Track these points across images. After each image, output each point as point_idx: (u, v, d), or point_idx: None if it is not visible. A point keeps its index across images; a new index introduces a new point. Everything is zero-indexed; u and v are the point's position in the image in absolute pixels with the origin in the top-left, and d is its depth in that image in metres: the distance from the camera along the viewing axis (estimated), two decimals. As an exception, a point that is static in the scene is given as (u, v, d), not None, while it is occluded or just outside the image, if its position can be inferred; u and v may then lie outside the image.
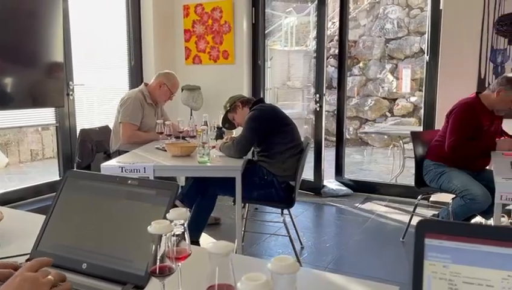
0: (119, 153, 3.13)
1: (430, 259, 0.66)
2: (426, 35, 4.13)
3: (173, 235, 0.86)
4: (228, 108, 2.96)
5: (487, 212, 2.89)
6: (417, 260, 0.67)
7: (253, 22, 4.70)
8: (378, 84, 8.45)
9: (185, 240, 0.88)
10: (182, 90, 4.52)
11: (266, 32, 10.18)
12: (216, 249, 0.69)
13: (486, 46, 3.70)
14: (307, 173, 4.79)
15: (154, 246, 0.80)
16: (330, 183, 4.68)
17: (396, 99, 8.31)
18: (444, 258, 0.66)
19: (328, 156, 4.80)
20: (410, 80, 8.18)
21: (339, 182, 4.71)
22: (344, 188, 4.60)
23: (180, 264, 0.89)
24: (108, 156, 3.37)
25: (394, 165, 5.59)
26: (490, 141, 2.90)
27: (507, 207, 3.36)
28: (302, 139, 2.94)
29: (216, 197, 2.88)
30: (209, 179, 2.78)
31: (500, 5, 3.60)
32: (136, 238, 0.98)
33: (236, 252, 2.58)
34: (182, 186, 3.13)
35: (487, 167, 3.03)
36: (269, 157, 2.76)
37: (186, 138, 3.10)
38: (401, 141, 5.41)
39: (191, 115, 4.49)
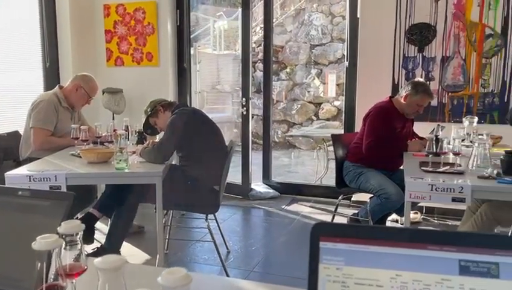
0: (30, 160, 2.90)
1: (325, 262, 0.66)
2: (346, 42, 4.31)
3: (66, 249, 0.79)
4: (149, 112, 2.87)
5: (401, 210, 3.06)
6: (312, 263, 0.67)
7: (178, 24, 4.61)
8: (305, 88, 8.71)
9: (81, 254, 0.82)
10: (103, 93, 4.32)
11: (195, 35, 10.01)
12: (104, 264, 0.64)
13: (399, 54, 3.95)
14: (235, 177, 4.80)
15: (39, 264, 0.73)
16: (258, 186, 4.72)
17: (321, 103, 8.61)
18: (337, 260, 0.66)
19: (258, 159, 4.84)
20: (335, 85, 8.52)
21: (267, 184, 4.76)
22: (271, 190, 4.65)
23: (74, 281, 0.82)
24: (19, 164, 3.11)
25: (319, 167, 5.78)
26: (403, 143, 3.08)
27: (419, 204, 3.59)
28: (227, 143, 2.93)
29: (137, 205, 2.77)
30: (129, 186, 2.66)
31: (410, 16, 3.85)
32: (26, 254, 0.89)
33: (157, 264, 2.49)
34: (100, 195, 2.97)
35: (401, 167, 3.21)
36: (192, 162, 2.70)
37: (104, 144, 2.95)
38: (325, 144, 5.60)
39: (113, 119, 4.30)
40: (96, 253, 2.66)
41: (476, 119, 3.24)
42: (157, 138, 3.24)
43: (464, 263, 0.62)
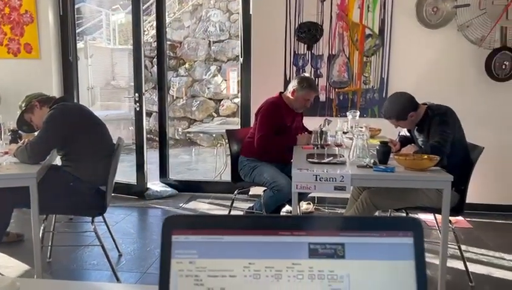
0: None
1: (177, 257, 0.63)
2: (239, 39, 4.36)
3: None
4: (23, 108, 2.59)
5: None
6: (164, 259, 0.63)
7: (61, 14, 4.26)
8: (205, 85, 8.66)
9: None
10: (-28, 88, 3.83)
11: (86, 27, 9.37)
12: None
13: (290, 51, 4.09)
14: (130, 177, 4.59)
15: None
16: (154, 185, 4.57)
17: (221, 100, 8.63)
18: (190, 254, 0.63)
19: (157, 157, 4.68)
20: (237, 82, 8.59)
21: (164, 183, 4.63)
22: (169, 189, 4.54)
23: None
24: None
25: (219, 163, 5.79)
26: (293, 137, 3.20)
27: (310, 195, 3.77)
28: (115, 140, 2.76)
29: (11, 210, 2.49)
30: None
31: (299, 14, 4.01)
32: None
33: (36, 275, 2.27)
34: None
35: (292, 160, 3.33)
36: (75, 161, 2.50)
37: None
38: (224, 140, 5.63)
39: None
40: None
41: (358, 113, 3.48)
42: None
43: (313, 246, 0.63)
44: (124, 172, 5.02)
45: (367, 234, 0.64)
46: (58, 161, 2.85)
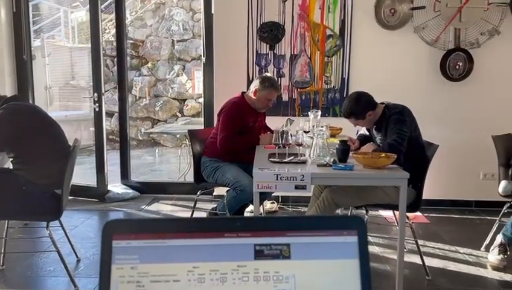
0: None
1: (118, 262, 0.61)
2: (202, 38, 4.32)
3: None
4: (-29, 109, 2.46)
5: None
6: (104, 266, 0.61)
7: (14, 10, 4.08)
8: (168, 84, 8.54)
9: None
10: None
11: (42, 25, 9.04)
12: None
13: (252, 51, 4.09)
14: (90, 179, 4.46)
15: None
16: (116, 187, 4.46)
17: (186, 99, 8.54)
18: (131, 259, 0.61)
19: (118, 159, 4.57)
20: (202, 81, 8.51)
21: (126, 185, 4.52)
22: (131, 191, 4.44)
23: None
24: None
25: (183, 164, 5.72)
26: (255, 136, 3.20)
27: (274, 194, 3.78)
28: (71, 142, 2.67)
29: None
30: None
31: (261, 14, 4.02)
32: None
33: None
34: None
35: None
36: (27, 164, 2.40)
37: None
38: (187, 140, 5.56)
39: None
40: None
41: (319, 112, 3.51)
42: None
43: (258, 247, 0.63)
44: (85, 174, 4.89)
45: (312, 233, 0.64)
46: (11, 165, 2.72)
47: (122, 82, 4.40)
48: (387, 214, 3.71)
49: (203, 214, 3.53)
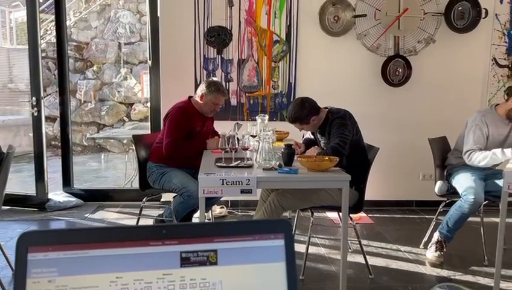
0: None
1: (34, 276, 0.58)
2: (147, 41, 4.23)
3: None
4: None
5: (205, 205, 3.16)
6: (19, 280, 0.57)
7: None
8: (115, 88, 8.30)
9: None
10: None
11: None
12: None
13: (199, 55, 4.06)
14: (29, 188, 4.24)
15: None
16: (57, 195, 4.26)
17: (133, 104, 8.34)
18: (49, 272, 0.58)
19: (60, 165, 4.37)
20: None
21: (68, 193, 4.33)
22: (73, 199, 4.26)
23: None
24: None
25: (130, 170, 5.56)
26: (203, 141, 3.17)
27: (223, 198, 3.77)
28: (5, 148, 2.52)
29: None
30: None
31: (208, 18, 4.01)
32: None
33: None
34: None
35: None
36: (-46, 174, 2.24)
37: None
38: (133, 146, 5.42)
39: None
40: None
41: (266, 117, 3.55)
42: None
43: (184, 255, 0.62)
44: (25, 183, 4.64)
45: (240, 238, 0.63)
46: None
47: (64, 85, 4.22)
48: (333, 215, 3.81)
49: (150, 221, 3.45)
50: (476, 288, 2.68)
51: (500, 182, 2.48)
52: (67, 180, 4.35)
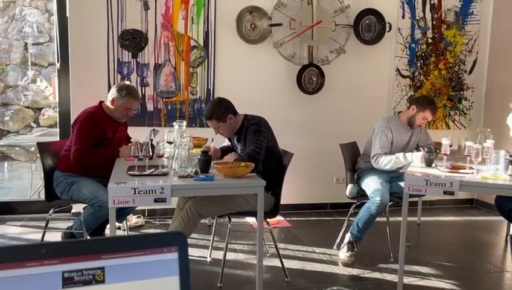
0: None
1: None
2: (55, 43, 3.97)
3: None
4: None
5: (119, 217, 3.01)
6: None
7: None
8: (20, 92, 7.66)
9: None
10: None
11: None
12: None
13: (113, 58, 3.89)
14: None
15: None
16: None
17: (42, 108, 7.76)
18: None
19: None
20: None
21: (-38, 207, 3.90)
22: (-31, 213, 3.84)
23: None
24: None
25: (37, 180, 5.16)
26: (115, 148, 3.03)
27: (138, 207, 3.63)
28: None
29: None
30: None
31: (122, 21, 3.86)
32: None
33: None
34: None
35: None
36: None
37: None
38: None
39: None
40: None
41: (184, 123, 3.48)
42: None
43: (67, 275, 0.57)
44: None
45: (130, 253, 0.60)
46: None
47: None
48: (252, 220, 3.84)
49: (57, 235, 3.21)
50: (383, 284, 2.85)
51: (402, 184, 2.66)
52: (-39, 193, 3.91)
